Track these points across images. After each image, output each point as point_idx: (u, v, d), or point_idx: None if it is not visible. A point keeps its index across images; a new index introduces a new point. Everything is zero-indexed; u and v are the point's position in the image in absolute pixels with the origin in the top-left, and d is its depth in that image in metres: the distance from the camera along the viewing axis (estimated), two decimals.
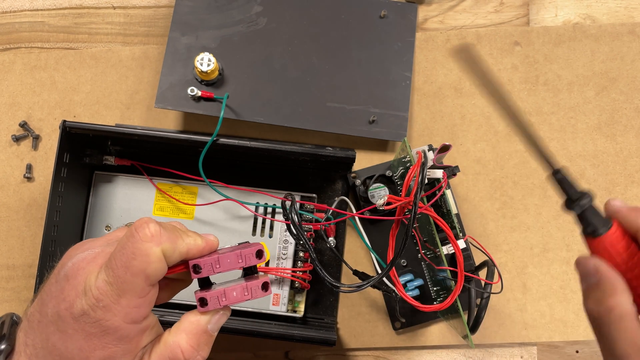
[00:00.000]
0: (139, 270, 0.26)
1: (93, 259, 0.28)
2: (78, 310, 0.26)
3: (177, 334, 0.28)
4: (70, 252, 0.30)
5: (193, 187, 0.50)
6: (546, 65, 0.54)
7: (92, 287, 0.26)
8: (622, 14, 0.55)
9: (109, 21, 0.56)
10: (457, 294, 0.42)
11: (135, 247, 0.26)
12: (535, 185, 0.52)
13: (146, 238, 0.26)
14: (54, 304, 0.27)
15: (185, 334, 0.28)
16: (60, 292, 0.27)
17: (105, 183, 0.50)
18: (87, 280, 0.27)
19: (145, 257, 0.26)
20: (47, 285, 0.28)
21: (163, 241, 0.27)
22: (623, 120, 0.53)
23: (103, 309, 0.26)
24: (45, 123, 0.53)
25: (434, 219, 0.42)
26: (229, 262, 0.29)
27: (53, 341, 0.27)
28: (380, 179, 0.51)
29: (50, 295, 0.27)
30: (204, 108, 0.50)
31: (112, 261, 0.26)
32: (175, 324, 0.29)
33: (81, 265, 0.27)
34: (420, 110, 0.53)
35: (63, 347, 0.26)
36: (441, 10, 0.55)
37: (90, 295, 0.26)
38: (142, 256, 0.26)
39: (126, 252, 0.26)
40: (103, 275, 0.26)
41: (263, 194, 0.49)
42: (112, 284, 0.26)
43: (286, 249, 0.49)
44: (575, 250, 0.51)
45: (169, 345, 0.28)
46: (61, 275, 0.27)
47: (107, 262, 0.27)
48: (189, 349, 0.28)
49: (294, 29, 0.52)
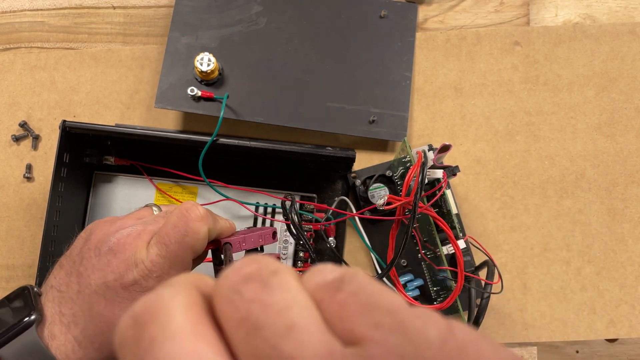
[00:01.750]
0: (189, 245, 0.30)
1: (138, 235, 0.31)
2: (129, 280, 0.30)
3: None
4: (98, 227, 0.32)
5: (193, 187, 0.50)
6: (546, 65, 0.54)
7: (145, 260, 0.30)
8: (622, 14, 0.55)
9: (109, 21, 0.56)
10: (457, 294, 0.42)
11: (187, 225, 0.30)
12: (535, 185, 0.52)
13: (197, 218, 0.31)
14: (99, 275, 0.30)
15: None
16: (107, 265, 0.30)
17: (105, 183, 0.50)
18: (136, 254, 0.30)
19: (196, 234, 0.31)
20: (86, 259, 0.31)
21: (208, 222, 0.32)
22: (623, 120, 0.53)
23: (156, 279, 0.30)
24: (45, 123, 0.53)
25: (434, 219, 0.42)
26: (252, 240, 0.35)
27: (98, 309, 0.30)
28: (380, 179, 0.51)
29: (93, 268, 0.30)
30: (204, 108, 0.50)
31: (165, 237, 0.30)
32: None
33: (127, 241, 0.31)
34: (420, 110, 0.53)
35: (110, 313, 0.30)
36: (441, 10, 0.55)
37: (142, 267, 0.30)
38: (193, 234, 0.31)
39: (179, 230, 0.30)
40: (155, 250, 0.30)
41: (263, 194, 0.49)
42: (164, 257, 0.30)
43: (286, 249, 0.49)
44: (576, 250, 0.51)
45: None
46: (104, 250, 0.30)
47: (158, 238, 0.30)
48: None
49: (294, 29, 0.52)
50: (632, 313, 0.51)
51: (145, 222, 0.33)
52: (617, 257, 0.51)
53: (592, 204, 0.52)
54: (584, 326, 0.51)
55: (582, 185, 0.52)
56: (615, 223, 0.52)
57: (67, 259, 0.32)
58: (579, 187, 0.52)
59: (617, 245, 0.51)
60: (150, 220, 0.33)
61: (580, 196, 0.52)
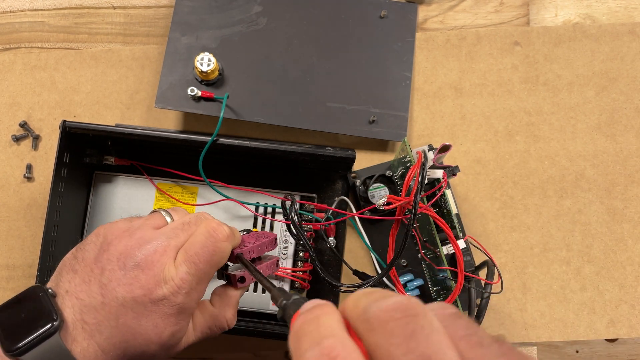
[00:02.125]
0: (216, 263, 0.33)
1: (164, 252, 0.32)
2: (159, 296, 0.31)
3: (222, 307, 0.36)
4: (115, 237, 0.33)
5: (193, 187, 0.50)
6: (546, 65, 0.54)
7: (175, 277, 0.31)
8: (622, 14, 0.55)
9: (109, 21, 0.56)
10: (457, 294, 0.42)
11: (215, 246, 0.33)
12: (535, 185, 0.52)
13: (224, 238, 0.33)
14: (126, 290, 0.31)
15: (229, 307, 0.36)
16: (135, 280, 0.31)
17: (105, 183, 0.50)
18: (165, 270, 0.31)
19: (223, 253, 0.33)
20: (108, 271, 0.31)
21: (232, 240, 0.34)
22: (623, 120, 0.53)
23: (184, 295, 0.32)
24: (45, 123, 0.53)
25: (434, 219, 0.42)
26: (259, 249, 0.38)
27: (124, 320, 0.31)
28: (380, 179, 0.51)
29: (119, 282, 0.31)
30: (204, 108, 0.50)
31: (195, 257, 0.32)
32: (217, 298, 0.37)
33: (155, 258, 0.32)
34: (420, 110, 0.53)
35: (136, 324, 0.31)
36: (441, 10, 0.55)
37: (172, 284, 0.31)
38: (220, 253, 0.33)
39: (208, 250, 0.32)
40: (185, 268, 0.32)
41: (263, 194, 0.49)
42: (193, 275, 0.32)
43: (286, 249, 0.49)
44: (575, 250, 0.51)
45: (217, 318, 0.36)
46: (130, 265, 0.31)
47: (187, 257, 0.32)
48: (231, 318, 0.36)
49: (294, 29, 0.52)
50: (631, 313, 0.51)
51: (167, 235, 0.33)
52: (617, 257, 0.51)
53: (592, 204, 0.52)
54: (583, 326, 0.51)
55: (582, 185, 0.52)
56: (615, 223, 0.52)
57: (81, 264, 0.32)
58: (579, 187, 0.52)
59: (617, 245, 0.51)
60: (171, 234, 0.34)
61: (580, 196, 0.52)
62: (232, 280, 0.37)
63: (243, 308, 0.48)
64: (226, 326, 0.36)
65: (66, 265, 0.33)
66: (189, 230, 0.34)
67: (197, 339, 0.35)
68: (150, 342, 0.31)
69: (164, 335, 0.31)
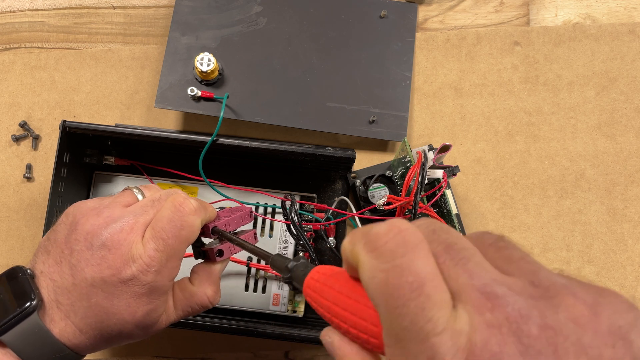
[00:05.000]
0: (185, 238, 0.32)
1: (131, 229, 0.31)
2: (127, 275, 0.30)
3: (202, 284, 0.35)
4: (83, 215, 0.32)
5: (193, 187, 0.50)
6: (546, 65, 0.54)
7: (143, 255, 0.30)
8: (622, 14, 0.55)
9: (109, 21, 0.56)
10: None
11: (183, 220, 0.31)
12: (535, 185, 0.52)
13: (192, 212, 0.32)
14: (94, 270, 0.30)
15: (209, 284, 0.35)
16: (102, 260, 0.30)
17: (105, 183, 0.50)
18: (133, 249, 0.30)
19: (191, 227, 0.32)
20: (77, 252, 0.31)
21: (201, 214, 0.33)
22: (623, 120, 0.53)
23: (154, 273, 0.30)
24: (45, 123, 0.53)
25: (434, 219, 0.42)
26: (235, 222, 0.37)
27: (96, 300, 0.30)
28: (380, 179, 0.51)
29: (87, 262, 0.30)
30: (204, 108, 0.50)
31: (162, 232, 0.31)
32: (195, 276, 0.35)
33: (121, 236, 0.31)
34: (420, 110, 0.53)
35: (109, 304, 0.30)
36: (441, 10, 0.55)
37: (141, 262, 0.30)
38: (189, 227, 0.32)
39: (175, 225, 0.31)
40: (152, 245, 0.31)
41: (263, 194, 0.49)
42: (162, 251, 0.31)
43: (286, 249, 0.49)
44: (576, 250, 0.51)
45: (197, 295, 0.34)
46: (96, 245, 0.30)
47: (154, 233, 0.31)
48: (212, 295, 0.35)
49: (294, 29, 0.52)
50: None
51: (135, 213, 0.32)
52: (617, 257, 0.51)
53: (592, 204, 0.52)
54: None
55: (582, 185, 0.52)
56: (615, 223, 0.52)
57: (52, 244, 0.32)
58: (579, 187, 0.52)
59: (617, 245, 0.51)
60: (139, 211, 0.32)
61: (580, 196, 0.52)
62: (209, 255, 0.36)
63: (243, 308, 0.48)
64: (208, 303, 0.35)
65: (41, 247, 0.33)
66: (159, 207, 0.33)
67: (179, 317, 0.35)
68: (125, 322, 0.31)
69: (137, 314, 0.31)
